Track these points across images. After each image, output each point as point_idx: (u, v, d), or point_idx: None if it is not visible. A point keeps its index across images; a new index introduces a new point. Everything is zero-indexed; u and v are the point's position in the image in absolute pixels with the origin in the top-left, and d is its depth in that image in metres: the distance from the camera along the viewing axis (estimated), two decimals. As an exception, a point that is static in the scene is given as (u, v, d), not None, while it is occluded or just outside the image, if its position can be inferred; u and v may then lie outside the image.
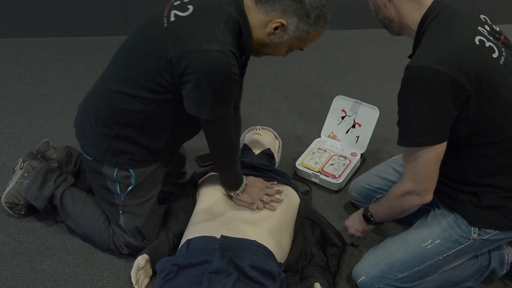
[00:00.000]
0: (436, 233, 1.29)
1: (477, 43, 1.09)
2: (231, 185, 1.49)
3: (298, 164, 1.94)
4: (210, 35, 1.14)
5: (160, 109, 1.29)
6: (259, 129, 1.93)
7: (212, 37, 1.13)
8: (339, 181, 1.84)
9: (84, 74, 2.65)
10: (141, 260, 1.38)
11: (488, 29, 1.19)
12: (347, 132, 2.02)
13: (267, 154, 1.76)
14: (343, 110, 2.04)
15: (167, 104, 1.28)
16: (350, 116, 2.02)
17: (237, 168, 1.45)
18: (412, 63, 1.08)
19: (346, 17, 1.28)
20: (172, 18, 1.19)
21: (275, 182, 1.59)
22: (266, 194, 1.50)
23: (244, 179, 1.50)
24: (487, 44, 1.11)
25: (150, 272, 1.44)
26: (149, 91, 1.24)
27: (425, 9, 1.15)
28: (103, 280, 1.45)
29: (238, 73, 1.19)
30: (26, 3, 2.91)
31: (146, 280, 1.42)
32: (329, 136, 2.10)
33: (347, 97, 2.03)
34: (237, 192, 1.48)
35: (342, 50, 3.06)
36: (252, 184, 1.51)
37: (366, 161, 2.03)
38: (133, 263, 1.39)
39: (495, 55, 1.11)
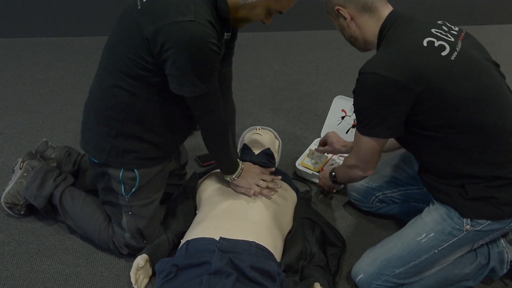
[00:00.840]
0: (429, 227, 1.31)
1: (425, 44, 1.17)
2: (226, 168, 1.47)
3: (298, 164, 1.94)
4: (181, 7, 1.12)
5: (153, 97, 1.28)
6: (259, 129, 1.93)
7: (184, 9, 1.12)
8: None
9: (84, 74, 2.65)
10: (141, 260, 1.38)
11: (446, 29, 1.25)
12: (347, 132, 2.02)
13: (267, 154, 1.76)
14: (343, 110, 2.04)
15: (157, 90, 1.26)
16: (350, 116, 2.02)
17: (230, 150, 1.43)
18: (362, 68, 1.18)
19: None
20: None
21: (273, 169, 1.59)
22: (262, 180, 1.50)
23: (240, 164, 1.48)
24: (437, 43, 1.18)
25: (150, 272, 1.44)
26: (136, 79, 1.23)
27: (382, 22, 1.25)
28: (103, 280, 1.45)
29: (217, 44, 1.16)
30: (26, 3, 2.91)
31: (146, 280, 1.42)
32: (329, 136, 2.10)
33: (347, 97, 2.03)
34: (233, 176, 1.47)
35: (342, 50, 3.06)
36: (248, 169, 1.50)
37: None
38: (132, 263, 1.39)
39: (444, 53, 1.17)
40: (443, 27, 1.26)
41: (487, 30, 3.53)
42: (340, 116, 2.05)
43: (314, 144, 2.06)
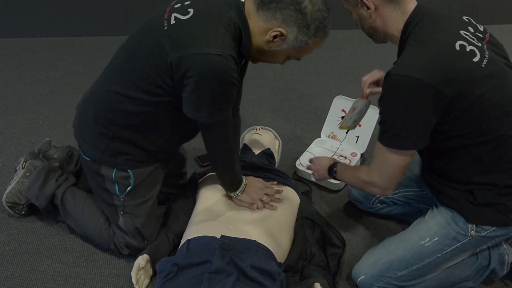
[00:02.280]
0: (434, 231, 1.30)
1: (458, 48, 1.11)
2: (230, 186, 1.49)
3: (298, 164, 1.94)
4: (210, 38, 1.13)
5: (158, 111, 1.29)
6: (259, 129, 1.93)
7: (212, 41, 1.13)
8: (339, 181, 1.84)
9: (84, 74, 2.65)
10: (142, 260, 1.38)
11: (472, 30, 1.19)
12: (347, 132, 2.02)
13: (267, 154, 1.76)
14: (343, 110, 2.04)
15: (165, 106, 1.27)
16: (350, 116, 2.02)
17: (235, 170, 1.45)
18: (392, 70, 1.10)
19: (346, 17, 1.28)
20: (173, 21, 1.19)
21: (275, 182, 1.59)
22: (265, 194, 1.50)
23: (244, 180, 1.50)
24: (468, 48, 1.12)
25: (151, 272, 1.44)
26: (148, 94, 1.24)
27: (408, 16, 1.18)
28: (103, 280, 1.45)
29: (237, 78, 1.19)
30: (26, 3, 2.91)
31: (147, 280, 1.42)
32: (329, 136, 2.10)
33: (347, 97, 2.03)
34: (237, 192, 1.48)
35: (342, 50, 3.06)
36: (252, 184, 1.51)
37: (366, 161, 2.03)
38: (133, 263, 1.39)
39: (476, 59, 1.12)
40: (469, 27, 1.19)
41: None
42: (340, 116, 2.05)
43: (314, 144, 2.06)
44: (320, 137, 2.11)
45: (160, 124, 1.33)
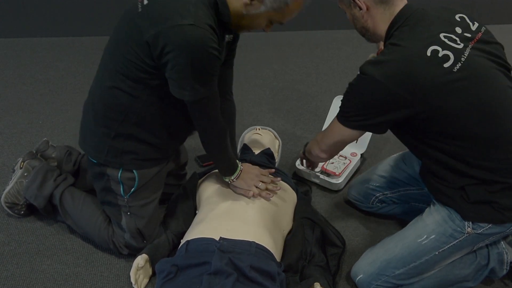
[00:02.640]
0: (431, 228, 1.30)
1: (429, 54, 1.13)
2: (224, 170, 1.47)
3: (298, 164, 1.93)
4: (182, 10, 1.12)
5: (152, 99, 1.28)
6: (259, 129, 1.93)
7: (184, 12, 1.12)
8: (339, 181, 1.84)
9: (84, 74, 2.65)
10: (141, 260, 1.38)
11: (460, 31, 1.19)
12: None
13: (267, 154, 1.76)
14: (343, 110, 2.04)
15: (157, 92, 1.26)
16: (350, 116, 2.02)
17: (228, 152, 1.42)
18: (363, 67, 1.17)
19: (346, 17, 1.29)
20: (146, 2, 1.19)
21: (272, 170, 1.58)
22: (261, 182, 1.50)
23: (239, 165, 1.48)
24: (442, 53, 1.13)
25: (150, 272, 1.44)
26: (136, 81, 1.23)
27: (393, 17, 1.22)
28: (103, 280, 1.45)
29: (217, 48, 1.16)
30: (26, 3, 2.91)
31: (146, 280, 1.42)
32: (329, 136, 2.10)
33: (347, 97, 2.02)
34: (232, 178, 1.46)
35: (342, 50, 3.06)
36: (247, 170, 1.49)
37: (366, 161, 2.03)
38: (132, 263, 1.39)
39: (447, 64, 1.12)
40: (457, 28, 1.20)
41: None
42: (340, 116, 2.05)
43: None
44: (320, 137, 2.11)
45: (158, 113, 1.32)
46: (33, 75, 2.61)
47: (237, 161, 1.49)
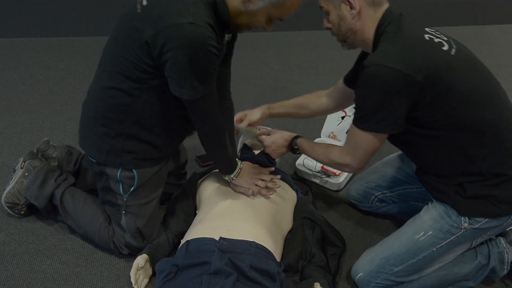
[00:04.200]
0: (428, 225, 1.31)
1: (427, 38, 1.18)
2: (224, 168, 1.47)
3: (298, 164, 1.94)
4: (181, 9, 1.12)
5: (152, 99, 1.28)
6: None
7: (183, 11, 1.12)
8: (339, 181, 1.85)
9: (84, 74, 2.65)
10: (141, 260, 1.38)
11: (438, 33, 1.25)
12: (347, 132, 2.02)
13: (267, 154, 1.76)
14: (343, 110, 2.04)
15: (156, 92, 1.26)
16: (350, 116, 2.02)
17: (228, 150, 1.42)
18: (367, 62, 1.15)
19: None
20: (145, 2, 1.19)
21: (272, 168, 1.59)
22: (261, 180, 1.50)
23: (239, 163, 1.48)
24: (436, 40, 1.19)
25: (150, 272, 1.44)
26: (136, 81, 1.23)
27: (379, 19, 1.23)
28: (103, 280, 1.45)
29: (216, 46, 1.16)
30: (26, 3, 2.92)
31: (146, 280, 1.42)
32: (329, 136, 2.10)
33: (347, 97, 2.03)
34: (231, 176, 1.47)
35: (342, 50, 3.04)
36: (247, 169, 1.50)
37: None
38: (132, 263, 1.39)
39: (445, 48, 1.18)
40: (431, 30, 1.25)
41: (487, 30, 3.54)
42: (340, 116, 2.05)
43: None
44: (320, 137, 2.11)
45: (158, 113, 1.32)
46: (33, 75, 2.61)
47: (237, 159, 1.49)
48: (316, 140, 2.08)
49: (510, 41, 3.42)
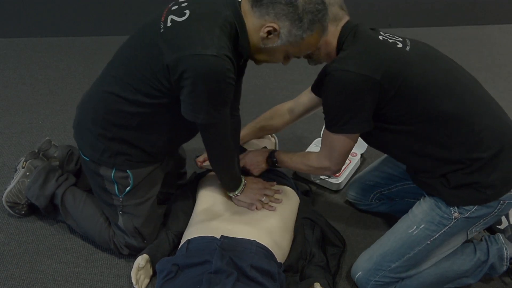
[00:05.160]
0: (420, 218, 1.33)
1: (381, 39, 1.27)
2: (229, 186, 1.49)
3: (298, 164, 1.93)
4: (206, 40, 1.13)
5: (156, 113, 1.29)
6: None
7: (208, 42, 1.13)
8: (339, 181, 1.85)
9: (84, 74, 2.65)
10: (141, 260, 1.38)
11: (389, 34, 1.32)
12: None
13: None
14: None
15: (163, 108, 1.27)
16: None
17: (235, 170, 1.45)
18: (329, 68, 1.22)
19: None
20: (169, 23, 1.19)
21: (275, 183, 1.59)
22: (265, 195, 1.50)
23: (243, 180, 1.50)
24: (390, 40, 1.27)
25: (150, 272, 1.44)
26: (146, 96, 1.24)
27: (339, 32, 1.29)
28: (103, 280, 1.45)
29: (233, 77, 1.18)
30: (26, 3, 2.92)
31: (146, 280, 1.42)
32: (329, 136, 2.10)
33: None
34: (236, 192, 1.48)
35: (342, 50, 3.06)
36: (251, 184, 1.51)
37: (366, 161, 2.04)
38: (133, 263, 1.39)
39: (399, 46, 1.26)
40: (388, 34, 1.32)
41: (487, 30, 3.54)
42: (340, 116, 2.05)
43: (314, 144, 2.06)
44: (320, 137, 2.11)
45: (159, 125, 1.33)
46: (33, 75, 2.61)
47: (241, 176, 1.50)
48: (316, 140, 2.08)
49: (510, 41, 3.42)
